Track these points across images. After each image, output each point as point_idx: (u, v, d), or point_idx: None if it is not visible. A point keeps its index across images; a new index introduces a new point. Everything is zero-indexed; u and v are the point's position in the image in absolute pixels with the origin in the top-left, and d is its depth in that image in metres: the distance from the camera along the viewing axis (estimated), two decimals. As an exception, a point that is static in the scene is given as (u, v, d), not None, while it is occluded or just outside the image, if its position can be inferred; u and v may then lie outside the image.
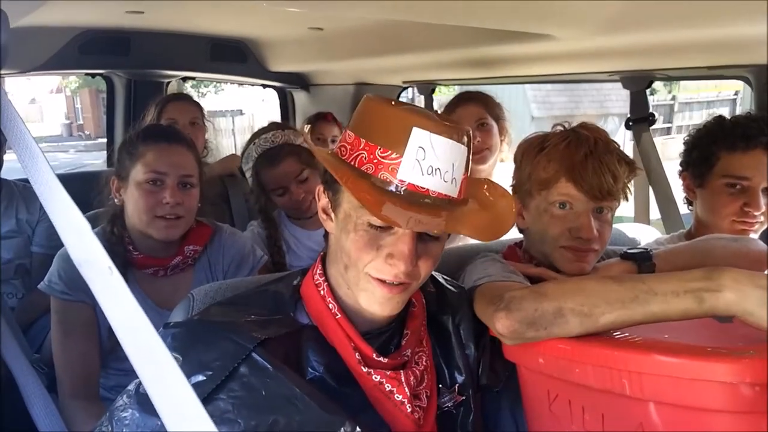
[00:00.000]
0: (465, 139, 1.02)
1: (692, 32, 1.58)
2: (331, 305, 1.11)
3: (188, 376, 0.98)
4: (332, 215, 1.09)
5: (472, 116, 2.43)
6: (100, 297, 0.68)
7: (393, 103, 1.05)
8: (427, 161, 0.98)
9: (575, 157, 1.35)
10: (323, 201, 1.11)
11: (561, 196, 1.37)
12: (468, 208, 1.07)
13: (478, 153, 2.38)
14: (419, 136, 0.98)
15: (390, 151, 0.99)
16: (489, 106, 2.48)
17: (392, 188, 0.99)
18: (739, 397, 0.82)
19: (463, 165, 1.03)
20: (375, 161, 1.00)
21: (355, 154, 1.02)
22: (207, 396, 0.97)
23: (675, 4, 1.39)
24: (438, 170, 0.99)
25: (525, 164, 1.44)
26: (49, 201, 0.72)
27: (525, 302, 1.05)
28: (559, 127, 1.44)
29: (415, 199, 0.98)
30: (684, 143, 1.85)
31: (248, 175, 2.24)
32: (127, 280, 1.80)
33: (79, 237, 0.69)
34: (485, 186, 1.16)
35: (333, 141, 2.75)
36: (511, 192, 1.45)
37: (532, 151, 1.43)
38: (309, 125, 3.05)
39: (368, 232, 1.02)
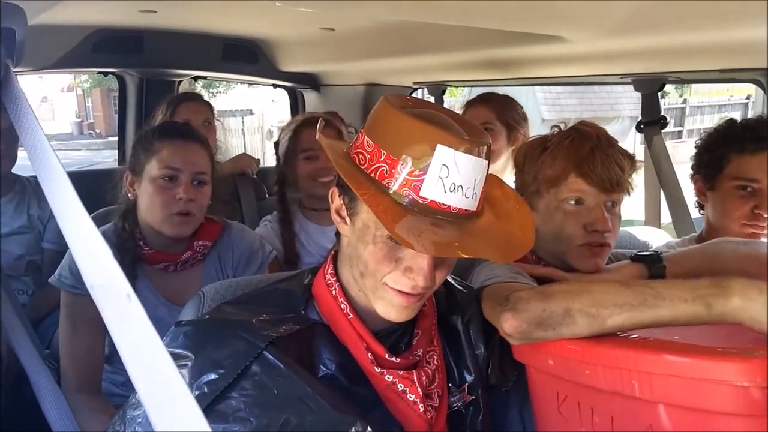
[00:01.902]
0: (485, 151, 1.01)
1: (704, 35, 1.58)
2: (343, 305, 1.11)
3: (200, 374, 0.99)
4: (347, 219, 1.08)
5: (477, 118, 2.42)
6: (112, 324, 0.62)
7: (414, 111, 1.02)
8: (450, 179, 0.97)
9: (582, 151, 1.35)
10: (337, 203, 1.10)
11: (572, 192, 1.37)
12: (484, 220, 1.05)
13: None
14: (444, 154, 0.96)
15: (413, 168, 0.97)
16: (500, 111, 2.46)
17: (412, 205, 0.97)
18: (749, 399, 0.82)
19: (484, 179, 1.02)
20: (396, 176, 0.97)
21: (375, 166, 1.00)
22: (219, 394, 0.97)
23: (687, 6, 1.39)
24: (460, 187, 0.97)
25: (529, 166, 1.44)
26: (57, 200, 0.69)
27: (532, 302, 1.05)
28: (556, 129, 1.45)
29: (435, 216, 0.97)
30: (695, 146, 1.85)
31: (285, 138, 2.29)
32: (137, 276, 1.83)
33: (95, 260, 0.62)
34: (497, 188, 1.14)
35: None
36: None
37: (534, 152, 1.43)
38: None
39: (387, 244, 1.01)
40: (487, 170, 1.03)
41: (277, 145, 2.38)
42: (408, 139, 0.98)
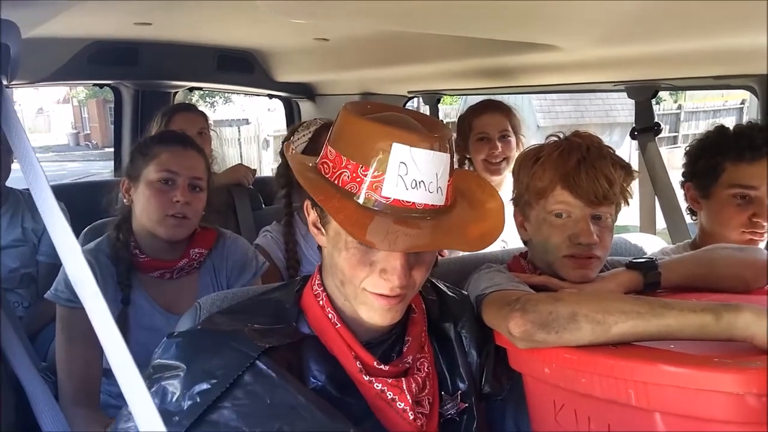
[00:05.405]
0: (446, 145, 1.02)
1: (697, 42, 1.58)
2: (330, 315, 1.12)
3: (193, 384, 0.99)
4: (323, 230, 1.10)
5: (497, 126, 2.44)
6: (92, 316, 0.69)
7: (372, 115, 1.04)
8: (410, 175, 0.98)
9: (568, 164, 1.36)
10: (312, 216, 1.11)
11: (558, 204, 1.37)
12: (456, 212, 1.07)
13: (497, 164, 2.41)
14: (399, 152, 0.97)
15: (372, 169, 0.98)
16: (511, 118, 2.50)
17: (377, 206, 0.98)
18: (745, 408, 0.82)
19: (447, 172, 1.03)
20: (358, 180, 0.99)
21: (338, 173, 1.02)
22: (212, 404, 0.98)
23: (679, 13, 1.40)
24: (422, 183, 0.99)
25: (522, 176, 1.45)
26: (48, 217, 0.72)
27: (541, 304, 1.07)
28: (554, 138, 1.46)
29: (401, 214, 0.98)
30: (686, 154, 1.84)
31: (300, 142, 2.21)
32: (132, 285, 1.83)
33: (73, 258, 0.69)
34: (475, 181, 1.16)
35: None
36: (512, 205, 1.47)
37: (528, 162, 1.44)
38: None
39: (359, 249, 1.03)
40: (450, 163, 1.04)
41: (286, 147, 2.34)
42: (365, 141, 1.00)
